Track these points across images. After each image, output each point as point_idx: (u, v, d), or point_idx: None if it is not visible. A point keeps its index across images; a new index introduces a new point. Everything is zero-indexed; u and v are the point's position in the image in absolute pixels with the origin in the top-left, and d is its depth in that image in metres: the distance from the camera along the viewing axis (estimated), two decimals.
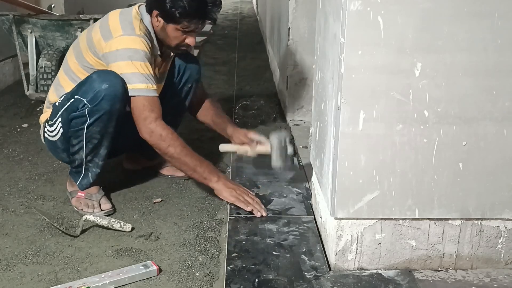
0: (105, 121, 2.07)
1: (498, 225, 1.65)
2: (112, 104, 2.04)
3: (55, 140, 2.20)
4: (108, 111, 2.05)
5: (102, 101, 2.02)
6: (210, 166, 2.13)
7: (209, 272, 1.78)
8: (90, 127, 2.07)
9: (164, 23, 2.13)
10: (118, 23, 2.11)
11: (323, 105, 1.79)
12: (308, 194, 2.17)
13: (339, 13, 1.53)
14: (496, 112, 1.54)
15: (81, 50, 2.18)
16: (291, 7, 3.03)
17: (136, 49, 2.06)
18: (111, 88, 2.02)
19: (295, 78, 3.12)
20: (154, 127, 2.06)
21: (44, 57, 3.30)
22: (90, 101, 2.03)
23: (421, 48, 1.49)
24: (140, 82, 2.05)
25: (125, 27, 2.10)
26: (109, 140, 2.14)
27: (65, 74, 2.23)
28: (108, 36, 2.09)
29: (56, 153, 2.28)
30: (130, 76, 2.05)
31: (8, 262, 1.83)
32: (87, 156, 2.14)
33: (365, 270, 1.67)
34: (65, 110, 2.11)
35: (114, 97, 2.03)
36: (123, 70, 2.05)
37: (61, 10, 5.04)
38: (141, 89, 2.05)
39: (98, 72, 2.08)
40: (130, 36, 2.08)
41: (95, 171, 2.19)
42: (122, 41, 2.06)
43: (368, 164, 1.57)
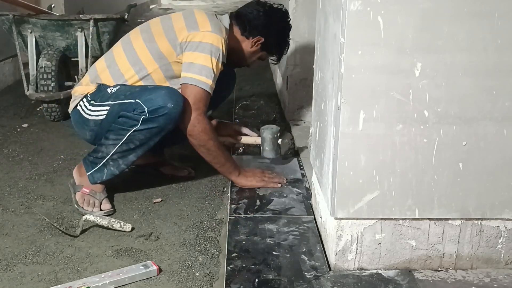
0: (152, 134, 2.12)
1: (498, 225, 1.65)
2: (167, 123, 2.09)
3: (90, 119, 2.20)
4: (161, 128, 2.10)
5: (161, 117, 2.07)
6: (235, 163, 2.29)
7: (209, 272, 1.78)
8: (135, 132, 2.10)
9: (259, 49, 2.39)
10: (207, 20, 2.21)
11: (323, 105, 1.79)
12: (308, 194, 2.17)
13: (339, 13, 1.53)
14: (496, 112, 1.54)
15: (153, 35, 2.23)
16: (291, 7, 3.03)
17: (218, 48, 2.16)
18: (175, 109, 2.08)
19: (295, 78, 3.12)
20: (202, 119, 2.15)
21: (44, 57, 3.30)
22: (150, 111, 2.07)
23: (421, 48, 1.49)
24: (208, 77, 2.14)
25: (214, 25, 2.20)
26: (144, 151, 2.18)
27: (124, 53, 2.24)
28: (194, 28, 2.18)
29: (81, 129, 2.28)
30: (201, 67, 2.14)
31: (8, 262, 1.83)
32: (114, 154, 2.14)
33: (365, 270, 1.67)
34: (119, 105, 2.13)
35: (173, 118, 2.09)
36: (199, 61, 2.14)
37: (61, 10, 5.04)
38: (206, 83, 2.14)
39: (168, 88, 2.14)
40: (217, 35, 2.17)
41: (113, 171, 2.19)
42: (208, 36, 2.16)
43: (368, 164, 1.57)
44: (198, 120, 2.13)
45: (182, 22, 2.20)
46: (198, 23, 2.19)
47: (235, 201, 2.14)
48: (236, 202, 2.13)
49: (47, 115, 3.32)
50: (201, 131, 2.15)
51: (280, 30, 2.42)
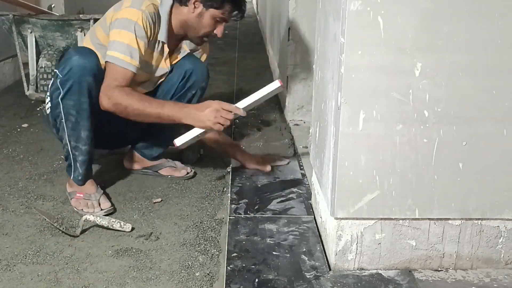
0: (76, 93, 2.08)
1: (498, 225, 1.65)
2: (81, 74, 2.06)
3: (48, 114, 2.23)
4: (77, 82, 2.07)
5: (71, 71, 2.06)
6: (172, 106, 2.10)
7: (209, 272, 1.78)
8: (63, 100, 2.10)
9: (203, 9, 2.18)
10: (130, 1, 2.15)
11: (323, 105, 1.79)
12: (308, 194, 2.17)
13: (339, 13, 1.53)
14: (496, 112, 1.54)
15: (95, 29, 2.25)
16: (291, 7, 3.03)
17: (132, 21, 2.09)
18: (82, 59, 2.07)
19: (295, 78, 3.12)
20: (112, 93, 2.05)
21: (44, 57, 3.30)
22: (61, 71, 2.09)
23: (421, 48, 1.49)
24: (120, 52, 2.07)
25: (134, 2, 2.14)
26: (87, 120, 2.13)
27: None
28: (118, 9, 2.16)
29: (49, 127, 2.31)
30: (117, 44, 2.09)
31: (8, 262, 1.83)
32: (70, 140, 2.15)
33: (365, 270, 1.67)
34: (51, 85, 2.17)
35: (83, 68, 2.06)
36: (113, 38, 2.10)
37: (61, 10, 5.04)
38: (122, 60, 2.07)
39: (75, 47, 2.19)
40: (133, 8, 2.12)
41: (82, 159, 2.18)
42: (125, 12, 2.12)
43: (368, 164, 1.57)
44: (107, 96, 2.05)
45: (112, 9, 2.20)
46: (123, 4, 2.17)
47: (235, 201, 2.14)
48: (236, 202, 2.13)
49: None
50: (114, 105, 2.05)
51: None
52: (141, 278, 1.75)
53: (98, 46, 2.19)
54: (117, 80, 2.08)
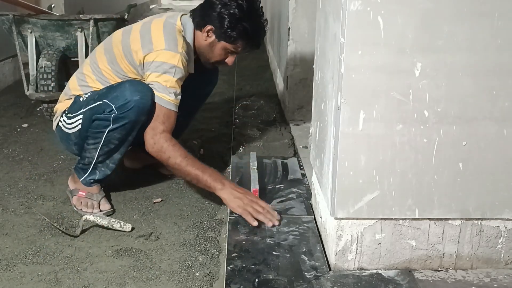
0: (128, 130, 2.11)
1: (498, 225, 1.65)
2: (138, 115, 2.08)
3: (70, 132, 2.23)
4: (133, 121, 2.09)
5: (130, 110, 2.06)
6: (214, 174, 2.08)
7: (209, 272, 1.78)
8: (111, 132, 2.10)
9: (215, 40, 2.20)
10: (162, 35, 2.13)
11: (323, 105, 1.79)
12: (308, 194, 2.17)
13: (339, 13, 1.53)
14: (496, 112, 1.54)
15: (116, 57, 2.20)
16: (291, 7, 3.03)
17: (173, 65, 2.09)
18: (142, 100, 2.06)
19: (295, 78, 3.12)
20: (158, 139, 2.09)
21: (44, 57, 3.30)
22: (118, 108, 2.07)
23: (421, 48, 1.49)
24: (164, 92, 2.09)
25: (168, 41, 2.12)
26: (126, 148, 2.19)
27: (93, 74, 2.25)
28: (149, 48, 2.12)
29: (67, 144, 2.31)
30: (157, 85, 2.09)
31: (8, 262, 1.83)
32: (99, 157, 2.17)
33: (365, 270, 1.67)
34: (90, 109, 2.14)
35: (142, 109, 2.07)
36: (154, 79, 2.09)
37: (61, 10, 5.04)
38: (162, 99, 2.09)
39: (131, 81, 2.13)
40: (171, 51, 2.10)
41: (104, 171, 2.21)
42: (162, 55, 2.09)
43: (368, 164, 1.57)
44: (154, 140, 2.10)
45: (138, 42, 2.15)
46: (153, 42, 2.13)
47: None
48: None
49: (47, 115, 3.33)
50: (159, 151, 2.09)
51: (230, 12, 2.16)
52: (141, 278, 1.75)
53: (123, 77, 2.19)
54: (164, 123, 2.10)
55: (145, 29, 2.18)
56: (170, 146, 2.08)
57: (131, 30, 2.23)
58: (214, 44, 2.21)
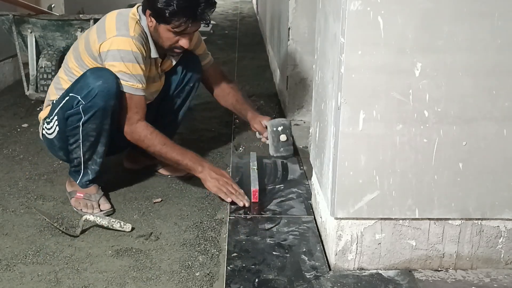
0: (100, 118, 2.08)
1: (498, 225, 1.65)
2: (106, 100, 2.05)
3: (52, 138, 2.22)
4: (102, 108, 2.06)
5: (96, 97, 2.04)
6: (193, 158, 2.17)
7: (209, 272, 1.78)
8: (85, 125, 2.08)
9: (156, 23, 2.12)
10: (114, 23, 2.13)
11: (323, 105, 1.79)
12: (308, 194, 2.17)
13: (339, 13, 1.53)
14: (496, 112, 1.54)
15: (80, 53, 2.20)
16: (291, 7, 3.03)
17: (127, 51, 2.08)
18: (105, 84, 2.04)
19: (295, 78, 3.12)
20: (135, 128, 2.13)
21: (44, 57, 3.30)
22: (84, 98, 2.06)
23: (421, 48, 1.49)
24: (129, 80, 2.09)
25: (119, 27, 2.11)
26: (106, 137, 2.16)
27: (65, 74, 2.25)
28: (103, 37, 2.11)
29: (54, 151, 2.30)
30: (120, 75, 2.08)
31: (8, 262, 1.83)
32: (85, 155, 2.15)
33: (365, 270, 1.67)
34: (61, 108, 2.13)
35: (108, 94, 2.05)
36: (115, 69, 2.08)
37: (61, 10, 5.03)
38: (130, 87, 2.09)
39: (92, 69, 2.11)
40: (123, 37, 2.09)
41: (94, 168, 2.20)
42: (114, 42, 2.08)
43: (368, 164, 1.57)
44: (130, 130, 2.14)
45: (94, 34, 2.14)
46: (106, 31, 2.11)
47: None
48: None
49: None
50: (137, 140, 2.15)
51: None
52: (141, 278, 1.75)
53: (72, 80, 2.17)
54: (137, 112, 2.13)
55: (101, 21, 2.19)
56: (148, 135, 2.13)
57: (93, 26, 2.24)
58: (157, 28, 2.13)
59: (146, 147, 2.15)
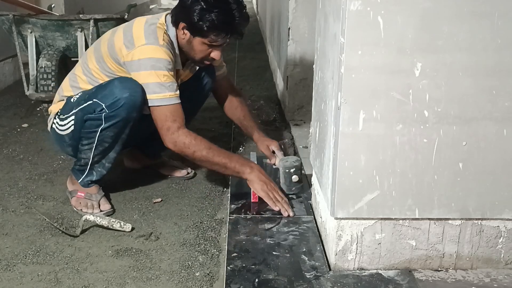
0: (120, 128, 2.10)
1: (498, 225, 1.65)
2: (129, 112, 2.06)
3: (63, 134, 2.22)
4: (124, 119, 2.07)
5: (120, 108, 2.05)
6: (240, 160, 2.13)
7: (209, 272, 1.78)
8: (103, 131, 2.09)
9: (191, 36, 2.12)
10: (142, 31, 2.09)
11: (323, 105, 1.79)
12: (308, 194, 2.17)
13: (339, 13, 1.53)
14: (496, 112, 1.54)
15: (102, 55, 2.18)
16: (291, 7, 3.03)
17: (158, 58, 2.05)
18: (131, 97, 2.04)
19: (295, 78, 3.12)
20: (177, 137, 2.06)
21: (44, 57, 3.30)
22: (108, 106, 2.06)
23: (421, 48, 1.49)
24: (161, 91, 2.05)
25: (148, 36, 2.08)
26: (121, 145, 2.17)
27: (83, 74, 2.23)
28: (131, 45, 2.08)
29: (61, 146, 2.30)
30: (152, 86, 2.05)
31: (8, 262, 1.83)
32: (94, 157, 2.15)
33: (365, 270, 1.67)
34: (81, 110, 2.13)
35: (132, 106, 2.06)
36: (145, 80, 2.05)
37: (61, 10, 5.04)
38: (163, 99, 2.05)
39: (120, 79, 2.10)
40: (152, 45, 2.06)
41: (101, 171, 2.20)
42: (144, 51, 2.05)
43: (368, 164, 1.57)
44: (173, 139, 2.06)
45: (121, 40, 2.11)
46: (134, 38, 2.08)
47: (235, 201, 2.14)
48: (236, 202, 2.13)
49: (47, 115, 3.32)
50: (183, 148, 2.06)
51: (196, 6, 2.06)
52: (141, 278, 1.75)
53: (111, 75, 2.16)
54: (176, 120, 2.06)
55: (128, 27, 2.16)
56: (192, 141, 2.06)
57: (117, 29, 2.21)
58: (191, 41, 2.13)
59: (192, 153, 2.07)
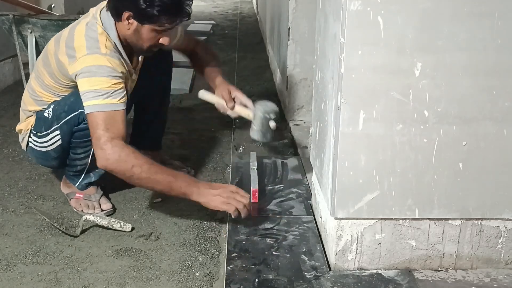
0: None
1: (498, 225, 1.65)
2: None
3: (48, 150, 2.14)
4: None
5: None
6: (186, 179, 1.90)
7: (209, 272, 1.78)
8: None
9: (138, 25, 1.95)
10: (83, 41, 1.97)
11: (323, 105, 1.79)
12: (308, 194, 2.17)
13: (339, 13, 1.53)
14: (496, 112, 1.54)
15: (53, 71, 2.07)
16: (291, 7, 3.03)
17: (99, 65, 1.91)
18: None
19: (295, 78, 3.12)
20: (110, 148, 1.82)
21: None
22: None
23: (421, 48, 1.49)
24: (95, 97, 1.88)
25: (89, 46, 1.95)
26: None
27: (44, 90, 2.12)
28: (72, 56, 1.96)
29: (44, 161, 2.22)
30: (86, 93, 1.90)
31: (8, 262, 1.83)
32: (92, 162, 2.11)
33: (365, 270, 1.67)
34: (65, 123, 2.05)
35: None
36: (82, 88, 1.91)
37: (61, 10, 5.04)
38: (95, 105, 1.87)
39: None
40: (94, 55, 1.94)
41: (99, 171, 2.17)
42: (85, 60, 1.93)
43: (368, 164, 1.57)
44: (103, 154, 1.83)
45: (64, 54, 1.98)
46: (75, 49, 1.96)
47: None
48: None
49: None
50: (117, 162, 1.82)
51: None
52: (141, 278, 1.75)
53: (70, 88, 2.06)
54: (109, 129, 1.84)
55: (70, 37, 2.02)
56: (130, 154, 1.83)
57: (60, 40, 2.07)
58: (139, 30, 1.96)
59: (130, 167, 1.82)
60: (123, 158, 1.82)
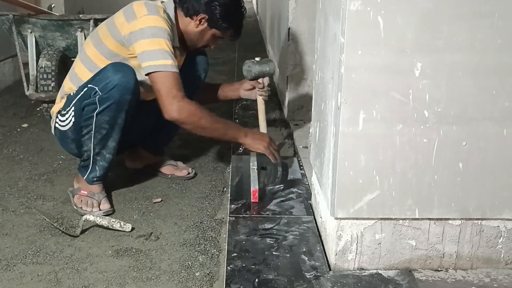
0: (114, 111, 2.10)
1: (498, 225, 1.65)
2: (122, 94, 2.07)
3: (66, 129, 2.23)
4: (117, 101, 2.08)
5: (112, 90, 2.06)
6: (234, 125, 2.38)
7: (209, 272, 1.78)
8: (99, 116, 2.09)
9: (207, 27, 2.26)
10: (143, 6, 2.15)
11: (323, 105, 1.79)
12: (308, 194, 2.17)
13: (339, 13, 1.53)
14: (496, 112, 1.54)
15: (101, 38, 2.22)
16: (291, 7, 3.03)
17: (160, 27, 2.10)
18: (123, 78, 2.07)
19: (295, 78, 3.12)
20: (183, 104, 2.10)
21: (44, 57, 3.30)
22: (101, 89, 2.07)
23: (421, 48, 1.49)
24: (164, 58, 2.08)
25: (149, 9, 2.14)
26: (118, 133, 2.16)
27: (82, 63, 2.26)
28: (132, 17, 2.13)
29: (65, 144, 2.31)
30: (155, 52, 2.09)
31: (8, 262, 1.83)
32: (95, 148, 2.15)
33: (365, 270, 1.67)
34: (79, 99, 2.15)
35: (125, 88, 2.07)
36: (147, 48, 2.09)
37: (61, 10, 5.04)
38: (167, 65, 2.09)
39: (113, 63, 2.13)
40: (154, 15, 2.12)
41: (103, 164, 2.19)
42: (146, 20, 2.11)
43: (368, 164, 1.57)
44: (179, 107, 2.10)
45: (121, 17, 2.18)
46: (135, 12, 2.15)
47: (235, 201, 2.14)
48: (236, 202, 2.13)
49: (47, 115, 3.32)
50: (189, 115, 2.12)
51: (221, 2, 2.23)
52: (141, 278, 1.75)
53: (110, 55, 2.19)
54: (177, 87, 2.10)
55: (127, 7, 2.21)
56: (198, 108, 2.14)
57: (114, 14, 2.26)
58: (205, 31, 2.28)
59: (198, 119, 2.13)
60: (193, 112, 2.13)
